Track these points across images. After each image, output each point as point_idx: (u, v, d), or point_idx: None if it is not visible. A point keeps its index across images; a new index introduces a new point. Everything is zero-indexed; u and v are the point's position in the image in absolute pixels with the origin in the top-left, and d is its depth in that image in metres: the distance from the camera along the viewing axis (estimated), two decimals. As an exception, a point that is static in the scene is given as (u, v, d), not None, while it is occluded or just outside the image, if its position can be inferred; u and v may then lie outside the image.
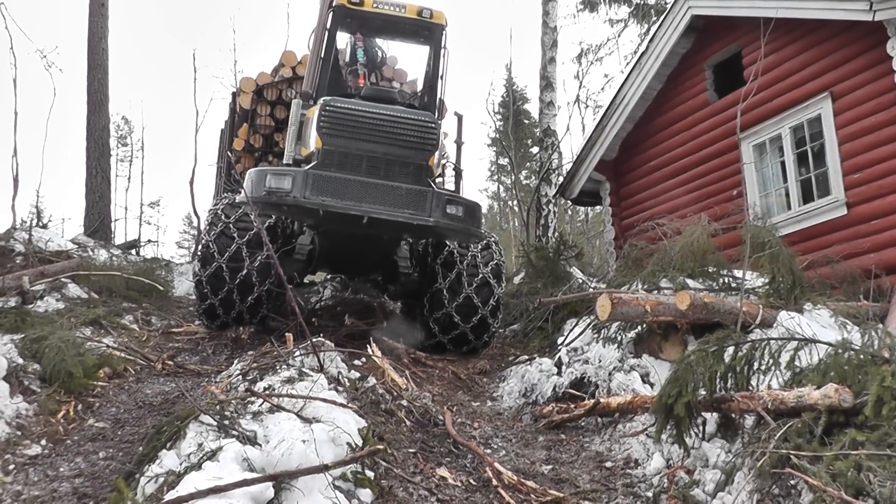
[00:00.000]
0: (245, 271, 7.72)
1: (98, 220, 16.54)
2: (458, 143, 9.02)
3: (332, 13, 8.61)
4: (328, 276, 11.63)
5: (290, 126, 8.20)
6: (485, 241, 8.70)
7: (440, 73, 8.95)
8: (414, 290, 8.90)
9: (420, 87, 9.98)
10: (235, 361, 6.28)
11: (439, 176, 9.67)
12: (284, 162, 8.10)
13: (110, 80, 17.72)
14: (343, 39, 9.81)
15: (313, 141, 7.56)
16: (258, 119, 10.56)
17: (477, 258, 8.54)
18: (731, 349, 4.81)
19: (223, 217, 7.94)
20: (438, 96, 9.04)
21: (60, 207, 67.37)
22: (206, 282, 7.79)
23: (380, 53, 10.41)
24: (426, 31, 8.98)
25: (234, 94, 11.10)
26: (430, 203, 7.40)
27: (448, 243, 8.50)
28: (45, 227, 15.14)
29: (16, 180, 15.13)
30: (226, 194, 8.31)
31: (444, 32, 8.89)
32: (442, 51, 8.88)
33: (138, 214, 40.18)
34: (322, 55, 8.62)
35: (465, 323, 8.36)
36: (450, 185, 9.73)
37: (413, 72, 11.55)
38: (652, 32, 12.41)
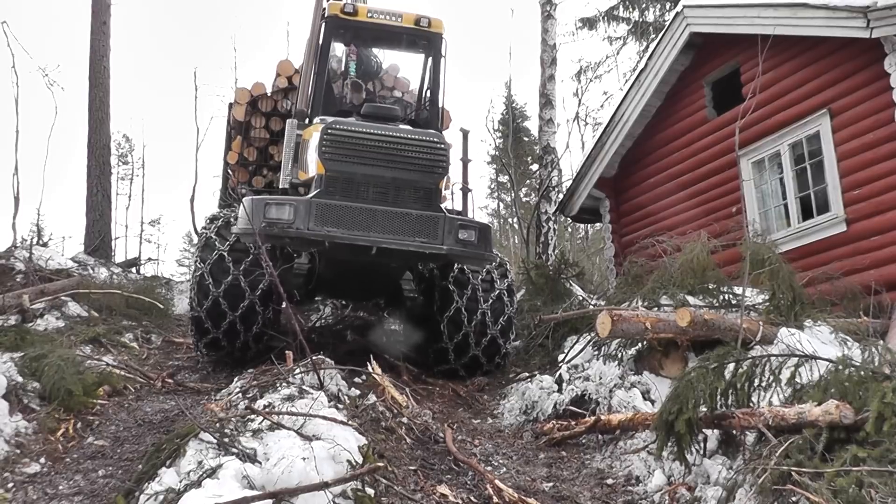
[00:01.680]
0: (242, 338, 7.51)
1: (98, 239, 16.56)
2: (465, 161, 8.66)
3: (324, 25, 8.22)
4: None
5: (286, 148, 7.73)
6: (496, 293, 8.23)
7: (440, 84, 8.62)
8: (419, 313, 8.45)
9: (419, 96, 9.69)
10: (235, 379, 6.28)
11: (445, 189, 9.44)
12: (280, 186, 7.70)
13: (111, 98, 17.80)
14: (340, 50, 9.56)
15: (313, 165, 7.16)
16: (252, 131, 10.10)
17: (486, 316, 8.08)
18: (731, 366, 4.80)
19: (211, 285, 7.38)
20: (440, 107, 8.70)
21: (61, 225, 67.42)
22: (203, 347, 7.71)
23: (375, 63, 10.03)
24: (424, 40, 8.65)
25: (230, 106, 10.66)
26: (441, 229, 7.03)
27: (456, 298, 8.00)
28: (45, 245, 15.14)
29: (16, 198, 15.14)
30: (214, 233, 7.74)
31: (442, 41, 8.51)
32: (441, 59, 8.54)
33: (139, 232, 40.09)
34: (316, 70, 8.19)
35: (469, 375, 8.26)
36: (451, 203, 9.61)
37: (416, 80, 10.89)
38: (650, 50, 12.45)
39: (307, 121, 7.87)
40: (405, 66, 11.11)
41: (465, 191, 8.63)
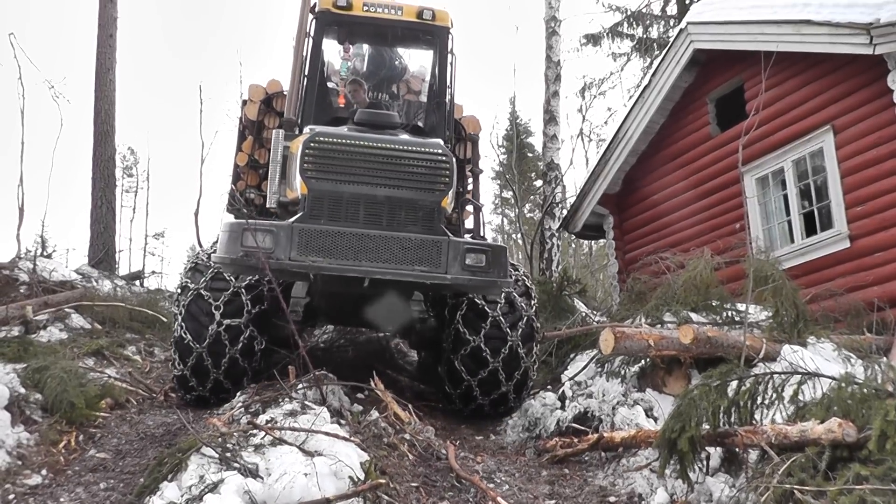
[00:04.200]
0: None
1: (102, 251, 16.58)
2: (475, 172, 8.20)
3: (315, 21, 7.38)
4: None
5: (272, 162, 6.86)
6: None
7: (448, 83, 7.65)
8: (430, 337, 7.64)
9: (427, 99, 8.76)
10: (238, 394, 6.26)
11: (454, 209, 8.11)
12: (268, 206, 6.93)
13: (117, 111, 17.86)
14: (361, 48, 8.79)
15: (298, 184, 6.26)
16: (265, 132, 9.01)
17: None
18: (734, 383, 4.80)
19: (193, 343, 6.53)
20: (448, 111, 7.68)
21: (65, 237, 67.58)
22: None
23: (399, 63, 9.16)
24: (428, 34, 7.76)
25: (243, 103, 9.68)
26: (445, 255, 6.07)
27: (461, 372, 7.04)
28: (49, 256, 15.20)
29: (21, 210, 15.14)
30: (191, 280, 6.81)
31: (449, 35, 7.60)
32: (449, 56, 7.61)
33: (143, 245, 40.27)
34: (306, 72, 7.33)
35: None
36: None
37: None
38: (654, 66, 12.51)
39: (297, 130, 7.08)
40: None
41: (476, 206, 8.13)
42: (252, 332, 6.70)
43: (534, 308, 7.31)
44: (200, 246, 16.62)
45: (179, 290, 6.87)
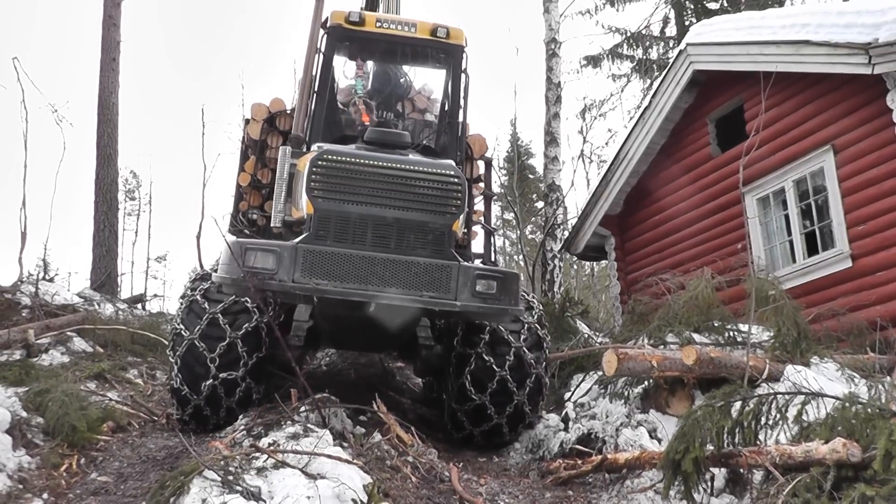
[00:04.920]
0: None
1: (104, 274, 16.58)
2: (488, 195, 8.01)
3: (326, 36, 7.22)
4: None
5: (278, 180, 6.68)
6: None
7: (460, 103, 7.49)
8: (436, 364, 7.28)
9: (440, 119, 8.66)
10: (240, 417, 6.25)
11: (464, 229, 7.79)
12: (272, 225, 6.72)
13: (120, 134, 17.91)
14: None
15: (304, 203, 6.02)
16: (268, 151, 8.84)
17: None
18: (738, 404, 4.78)
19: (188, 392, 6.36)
20: (461, 132, 7.52)
21: (67, 261, 67.45)
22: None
23: (405, 81, 8.96)
24: (442, 53, 7.59)
25: (246, 122, 9.40)
26: (455, 281, 5.86)
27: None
28: (51, 280, 15.19)
29: (23, 233, 15.17)
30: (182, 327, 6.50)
31: (463, 54, 7.45)
32: (462, 75, 7.46)
33: (145, 269, 40.21)
34: (316, 89, 7.21)
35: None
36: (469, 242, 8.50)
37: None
38: (654, 87, 12.56)
39: (304, 148, 6.92)
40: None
41: (488, 230, 7.92)
42: (249, 383, 6.48)
43: (544, 363, 6.97)
44: (202, 268, 16.60)
45: (174, 335, 6.58)
